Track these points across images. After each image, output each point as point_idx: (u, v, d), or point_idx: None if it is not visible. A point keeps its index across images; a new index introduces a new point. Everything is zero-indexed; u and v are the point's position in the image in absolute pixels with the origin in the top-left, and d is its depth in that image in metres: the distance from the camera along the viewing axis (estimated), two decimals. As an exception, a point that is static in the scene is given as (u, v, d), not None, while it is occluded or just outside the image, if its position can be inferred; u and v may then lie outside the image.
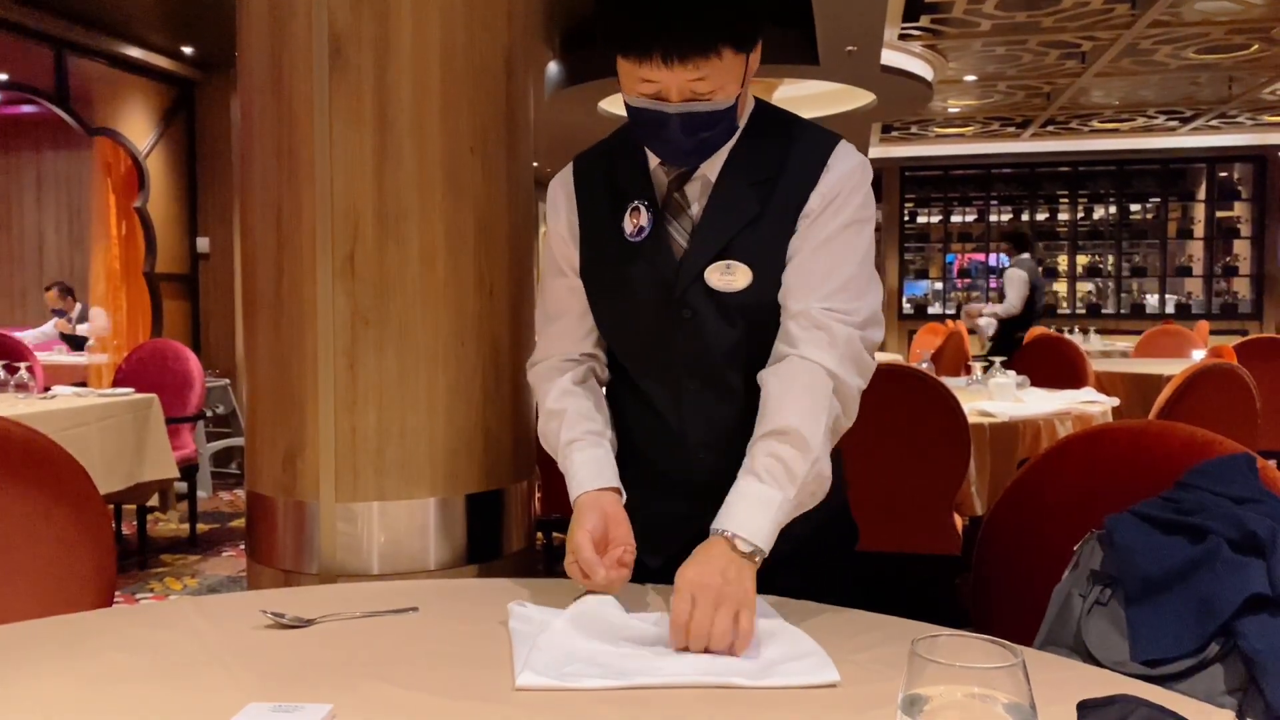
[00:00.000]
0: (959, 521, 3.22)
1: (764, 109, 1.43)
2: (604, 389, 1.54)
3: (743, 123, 1.39)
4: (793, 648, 1.14)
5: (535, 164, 2.02)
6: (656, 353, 1.44)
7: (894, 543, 3.08)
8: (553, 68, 6.96)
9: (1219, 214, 13.32)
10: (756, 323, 1.38)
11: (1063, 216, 13.78)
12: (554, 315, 1.52)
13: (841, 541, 1.55)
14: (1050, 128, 11.74)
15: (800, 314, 1.33)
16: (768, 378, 1.34)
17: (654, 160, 1.41)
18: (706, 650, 1.13)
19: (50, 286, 8.40)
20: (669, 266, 1.38)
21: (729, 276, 1.36)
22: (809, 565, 1.39)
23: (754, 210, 1.36)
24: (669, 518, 1.42)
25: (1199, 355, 6.12)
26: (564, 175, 1.50)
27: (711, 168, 1.38)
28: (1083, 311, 13.35)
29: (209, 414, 6.55)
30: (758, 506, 1.24)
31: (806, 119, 1.45)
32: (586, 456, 1.40)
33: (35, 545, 1.62)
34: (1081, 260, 13.73)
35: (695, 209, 1.39)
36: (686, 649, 1.14)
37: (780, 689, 1.05)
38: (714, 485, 1.29)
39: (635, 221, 1.39)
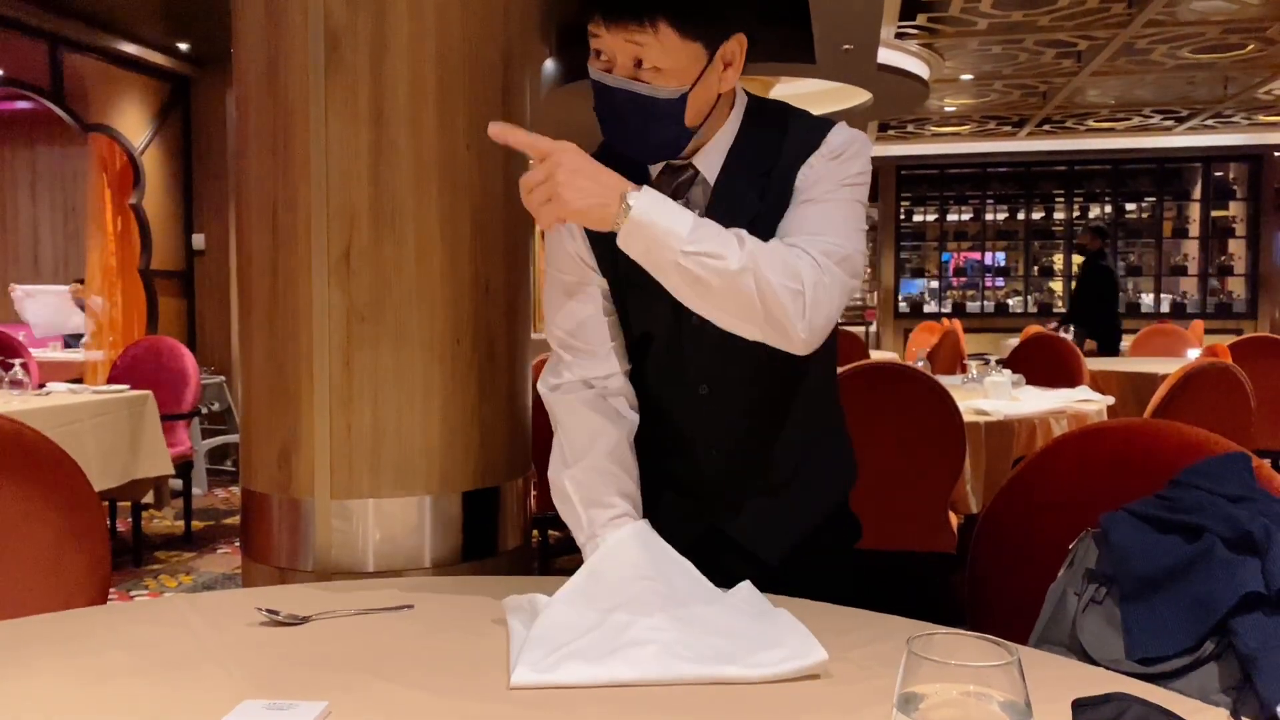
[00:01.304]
0: (954, 519, 3.22)
1: (757, 103, 1.40)
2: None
3: (734, 123, 1.36)
4: (778, 631, 1.15)
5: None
6: (666, 360, 1.42)
7: (889, 540, 3.08)
8: (549, 65, 6.96)
9: (1214, 213, 13.35)
10: None
11: (1058, 215, 13.80)
12: (575, 328, 1.42)
13: (845, 536, 1.55)
14: (1046, 127, 11.76)
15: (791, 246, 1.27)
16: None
17: (654, 171, 1.38)
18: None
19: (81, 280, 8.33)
20: None
21: None
22: (812, 562, 1.39)
23: (755, 205, 1.33)
24: (675, 514, 1.42)
25: (1194, 354, 6.13)
26: None
27: (711, 169, 1.35)
28: (1078, 310, 13.37)
29: (204, 411, 6.55)
30: (673, 206, 1.18)
31: (802, 110, 1.43)
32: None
33: (30, 542, 1.62)
34: (1077, 259, 13.74)
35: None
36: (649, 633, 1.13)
37: (772, 681, 1.05)
38: (720, 484, 1.29)
39: None
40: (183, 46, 7.01)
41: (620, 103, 1.26)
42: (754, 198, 1.33)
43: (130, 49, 6.77)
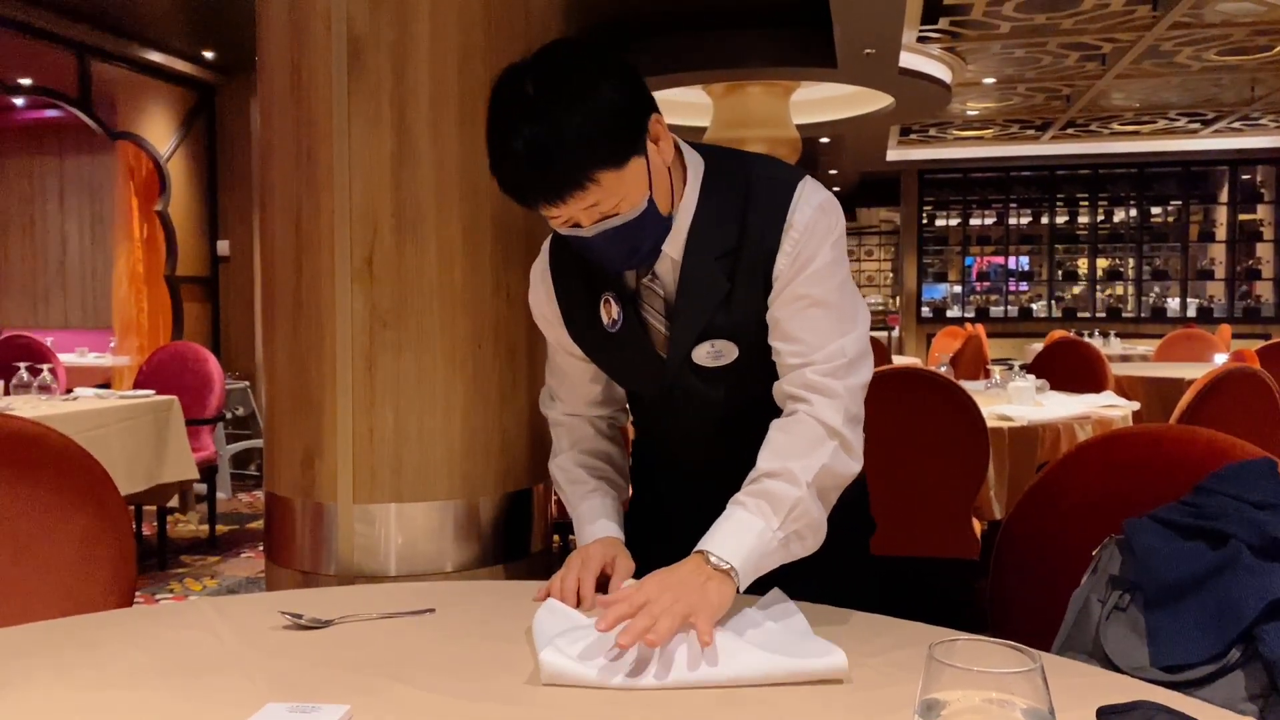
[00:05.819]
0: (978, 526, 3.20)
1: (716, 166, 1.38)
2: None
3: (693, 195, 1.35)
4: (799, 637, 1.15)
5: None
6: (650, 413, 1.53)
7: (912, 547, 3.06)
8: (570, 71, 6.97)
9: (1241, 217, 13.21)
10: (743, 382, 1.40)
11: (1083, 219, 13.70)
12: (558, 379, 1.56)
13: (858, 534, 1.55)
14: (1070, 130, 11.67)
15: (797, 376, 1.33)
16: (773, 430, 1.34)
17: None
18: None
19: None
20: (651, 355, 1.40)
21: (715, 353, 1.37)
22: (826, 559, 1.39)
23: (724, 287, 1.34)
24: (673, 508, 1.48)
25: (1221, 359, 6.07)
26: (542, 258, 1.50)
27: (675, 245, 1.35)
28: (1103, 315, 13.27)
29: (229, 416, 6.59)
30: (736, 529, 1.26)
31: (763, 159, 1.41)
32: (594, 504, 1.48)
33: (56, 545, 1.63)
34: (1102, 263, 13.65)
35: (667, 287, 1.38)
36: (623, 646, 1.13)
37: (792, 685, 1.05)
38: (717, 492, 1.33)
39: (608, 313, 1.40)
40: (208, 55, 7.08)
41: (604, 242, 1.27)
42: (722, 278, 1.34)
43: (157, 58, 6.84)
